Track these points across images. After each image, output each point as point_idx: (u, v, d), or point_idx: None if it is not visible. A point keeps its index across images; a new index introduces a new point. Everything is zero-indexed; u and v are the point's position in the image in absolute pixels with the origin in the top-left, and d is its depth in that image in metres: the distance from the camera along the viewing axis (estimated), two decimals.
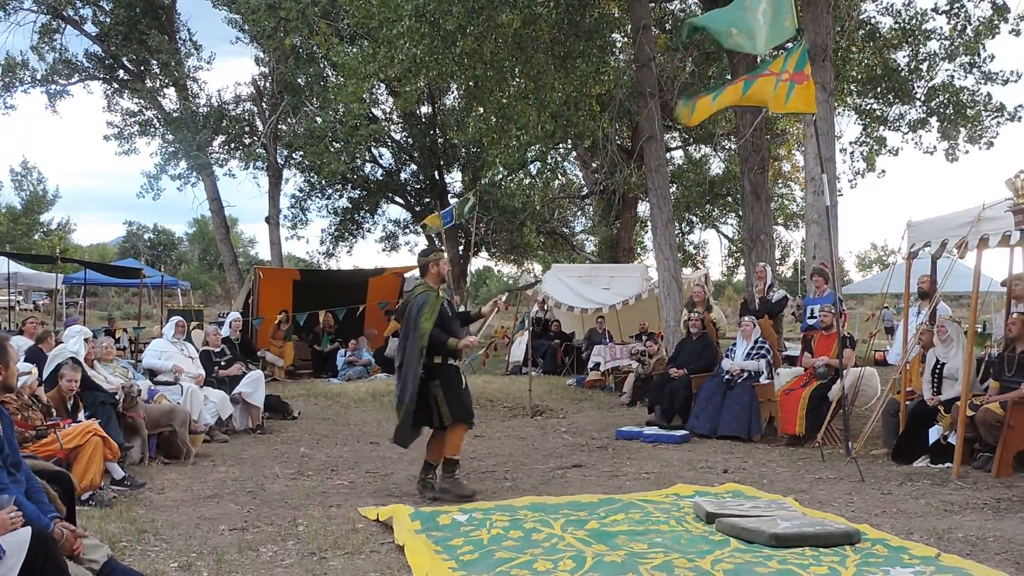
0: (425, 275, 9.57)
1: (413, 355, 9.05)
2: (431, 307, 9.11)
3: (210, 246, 69.42)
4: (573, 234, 44.04)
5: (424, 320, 9.03)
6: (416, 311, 9.13)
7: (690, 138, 34.81)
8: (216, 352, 14.49)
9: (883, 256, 72.01)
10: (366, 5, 20.16)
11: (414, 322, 9.10)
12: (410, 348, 9.10)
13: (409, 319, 9.20)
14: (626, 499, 8.55)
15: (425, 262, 9.59)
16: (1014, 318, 10.46)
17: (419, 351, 8.98)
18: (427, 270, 9.54)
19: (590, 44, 18.57)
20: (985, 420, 9.77)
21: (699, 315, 14.91)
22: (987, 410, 9.81)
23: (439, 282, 9.56)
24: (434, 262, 9.54)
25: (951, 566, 6.17)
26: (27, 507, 5.19)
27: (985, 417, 9.78)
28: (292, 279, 24.67)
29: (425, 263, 9.59)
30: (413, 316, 9.14)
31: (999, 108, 22.71)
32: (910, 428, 10.87)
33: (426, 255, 9.73)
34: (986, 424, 9.80)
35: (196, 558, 6.63)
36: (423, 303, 9.15)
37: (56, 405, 9.31)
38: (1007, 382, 10.02)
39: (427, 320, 9.03)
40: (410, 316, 9.19)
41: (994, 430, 9.74)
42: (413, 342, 9.07)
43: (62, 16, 32.13)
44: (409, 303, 9.42)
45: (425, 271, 9.58)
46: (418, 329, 9.03)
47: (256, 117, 34.25)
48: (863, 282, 42.80)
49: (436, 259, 9.60)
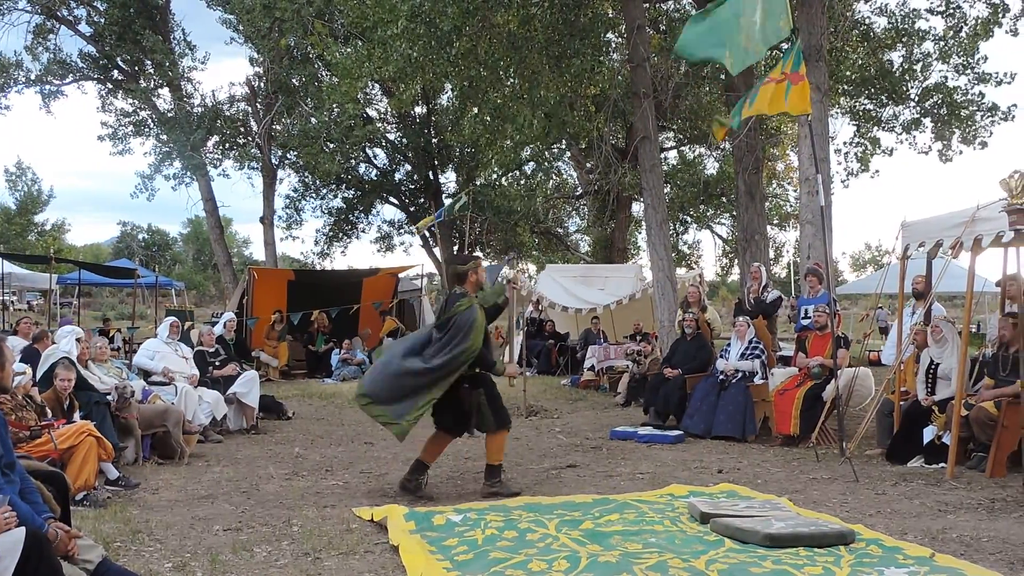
0: (463, 283, 9.42)
1: (449, 364, 9.02)
2: (481, 324, 9.11)
3: (204, 246, 69.41)
4: (567, 234, 44.05)
5: (475, 336, 9.01)
6: (467, 325, 9.04)
7: (684, 138, 34.82)
8: (210, 352, 14.50)
9: (877, 256, 72.15)
10: (360, 5, 20.16)
11: (462, 335, 9.02)
12: (448, 356, 9.04)
13: (455, 329, 9.09)
14: (621, 499, 8.55)
15: (464, 270, 9.45)
16: (1004, 321, 10.49)
17: (460, 364, 9.00)
18: (466, 278, 9.42)
19: (585, 44, 18.57)
20: (979, 419, 9.79)
21: (694, 315, 14.92)
22: (981, 408, 9.83)
23: (477, 290, 9.51)
24: (473, 270, 9.45)
25: (945, 566, 6.17)
26: (21, 507, 5.19)
27: (979, 415, 9.80)
28: (286, 279, 24.69)
29: (464, 271, 9.45)
30: (462, 328, 9.05)
31: (992, 108, 22.74)
32: (904, 428, 10.88)
33: (464, 263, 9.60)
34: (980, 423, 9.82)
35: (190, 558, 6.63)
36: (473, 319, 9.07)
37: (52, 405, 9.29)
38: (1001, 381, 10.06)
39: (477, 336, 9.03)
40: (457, 326, 9.09)
41: (988, 429, 9.76)
42: (455, 352, 9.01)
43: (56, 16, 32.10)
44: (454, 312, 9.21)
45: (464, 279, 9.42)
46: (465, 342, 8.98)
47: (250, 117, 34.22)
48: (857, 282, 42.88)
49: (475, 267, 9.51)
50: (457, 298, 9.26)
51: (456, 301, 9.23)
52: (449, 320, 9.15)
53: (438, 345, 9.13)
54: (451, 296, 9.44)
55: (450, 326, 9.09)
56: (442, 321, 9.28)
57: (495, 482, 9.26)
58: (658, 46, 24.95)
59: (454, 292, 9.42)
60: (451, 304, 9.29)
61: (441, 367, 8.98)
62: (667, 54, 24.14)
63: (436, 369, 8.99)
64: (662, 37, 26.05)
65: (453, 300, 9.30)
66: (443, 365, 8.97)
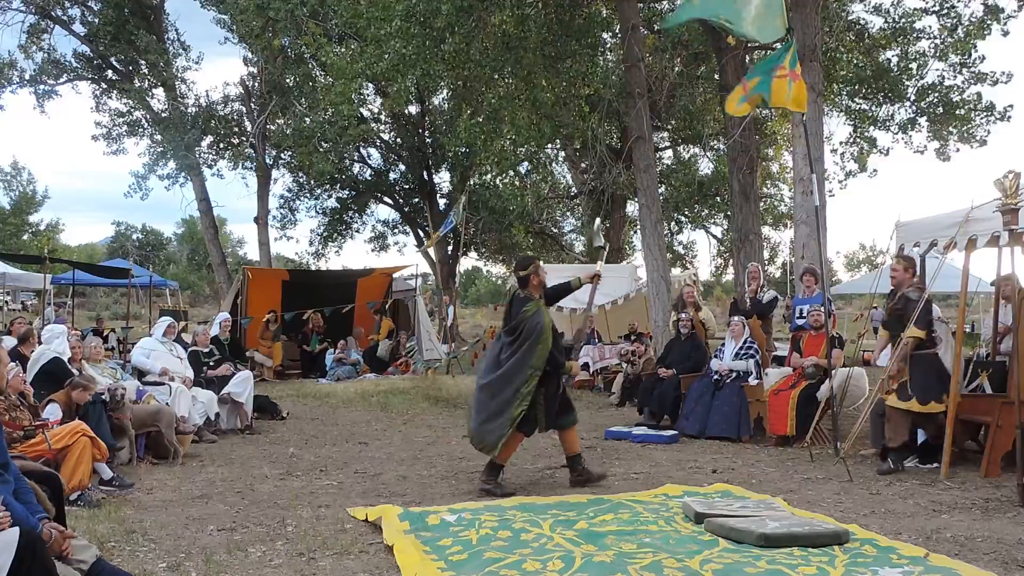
0: (527, 285, 9.58)
1: (522, 372, 9.21)
2: (548, 327, 9.31)
3: (199, 246, 69.26)
4: (562, 234, 44.04)
5: (544, 340, 9.20)
6: (536, 330, 9.23)
7: (679, 138, 34.84)
8: (205, 352, 14.48)
9: (872, 256, 72.21)
10: (355, 4, 20.16)
11: (532, 341, 9.22)
12: (518, 363, 9.25)
13: (525, 334, 9.29)
14: (615, 499, 8.55)
15: (526, 273, 9.60)
16: (894, 263, 10.62)
17: (535, 369, 9.17)
18: (528, 280, 9.58)
19: (579, 44, 18.59)
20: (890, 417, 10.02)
21: (688, 316, 14.93)
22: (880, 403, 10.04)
23: (540, 291, 9.64)
24: (535, 273, 9.59)
25: (939, 566, 6.17)
26: (15, 507, 5.18)
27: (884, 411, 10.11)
28: (281, 279, 24.71)
29: (527, 274, 9.60)
30: (532, 333, 9.24)
31: (989, 108, 22.75)
32: None
33: (525, 265, 9.73)
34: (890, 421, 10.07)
35: (185, 558, 6.62)
36: (540, 323, 9.27)
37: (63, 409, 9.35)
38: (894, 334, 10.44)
39: (547, 340, 9.22)
40: (527, 332, 9.28)
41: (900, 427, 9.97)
42: (529, 360, 9.21)
43: (50, 16, 32.04)
44: (522, 317, 9.39)
45: (527, 282, 9.59)
46: (536, 347, 9.18)
47: (245, 117, 34.20)
48: (852, 282, 42.88)
49: (536, 268, 9.65)
50: (523, 302, 9.46)
51: (522, 305, 9.43)
52: (518, 326, 9.34)
53: (510, 352, 9.36)
54: (515, 299, 9.61)
55: (520, 332, 9.30)
56: (511, 326, 9.47)
57: (579, 471, 9.71)
58: (652, 46, 24.97)
59: (517, 295, 9.61)
60: (517, 308, 9.48)
61: (517, 377, 9.22)
62: (661, 54, 24.16)
63: (514, 381, 9.23)
64: (656, 37, 26.05)
65: (518, 304, 9.50)
66: (519, 375, 9.21)
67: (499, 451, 9.36)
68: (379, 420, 15.50)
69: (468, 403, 10.14)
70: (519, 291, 9.62)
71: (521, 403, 9.14)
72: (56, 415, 9.20)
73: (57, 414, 9.23)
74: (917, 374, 9.99)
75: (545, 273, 9.85)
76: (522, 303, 9.44)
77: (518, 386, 9.16)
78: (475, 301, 78.36)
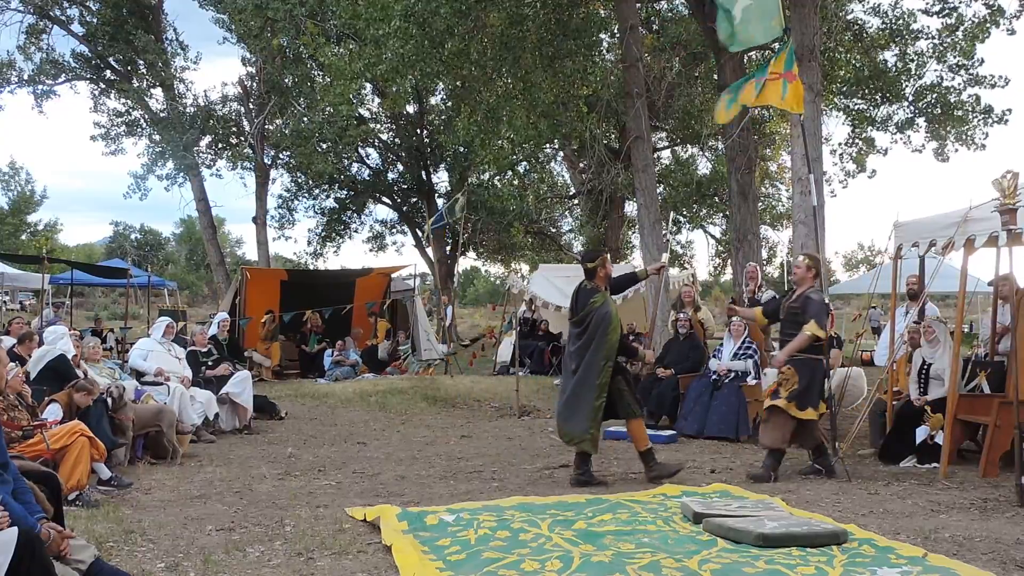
0: (593, 277, 9.76)
1: (595, 364, 9.44)
2: (616, 317, 9.53)
3: (197, 246, 69.24)
4: (561, 234, 44.03)
5: (613, 330, 9.44)
6: (605, 321, 9.46)
7: (677, 138, 34.83)
8: (203, 352, 14.48)
9: (870, 256, 72.20)
10: (353, 5, 20.16)
11: (601, 331, 9.45)
12: (591, 356, 9.48)
13: (594, 326, 9.50)
14: (613, 499, 8.55)
15: (594, 265, 9.77)
16: (797, 261, 10.61)
17: (607, 359, 9.42)
18: (595, 273, 9.75)
19: (577, 44, 18.59)
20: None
21: (687, 315, 14.93)
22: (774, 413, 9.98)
23: (606, 283, 9.82)
24: (602, 265, 9.76)
25: (938, 566, 6.17)
26: (14, 507, 5.18)
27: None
28: (279, 279, 24.69)
29: (594, 266, 9.77)
30: (601, 324, 9.46)
31: (987, 111, 22.73)
32: (897, 428, 10.90)
33: (593, 258, 9.92)
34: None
35: (183, 558, 6.62)
36: (608, 314, 9.50)
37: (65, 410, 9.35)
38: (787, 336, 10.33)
39: (616, 330, 9.47)
40: (595, 323, 9.50)
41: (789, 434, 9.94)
42: (600, 351, 9.44)
43: (49, 16, 32.04)
44: (590, 308, 9.60)
45: (594, 274, 9.76)
46: (606, 337, 9.41)
47: (243, 117, 34.19)
48: (850, 282, 42.88)
49: (604, 261, 9.83)
50: (590, 294, 9.67)
51: (589, 297, 9.63)
52: (586, 317, 9.56)
53: (580, 344, 9.61)
54: (581, 291, 9.81)
55: (587, 323, 9.53)
56: (579, 318, 9.67)
57: (654, 465, 9.73)
58: (651, 46, 24.96)
59: (584, 287, 9.79)
60: (583, 300, 9.69)
61: (591, 369, 9.46)
62: (660, 54, 24.16)
63: (588, 373, 9.48)
64: (655, 37, 26.05)
65: (585, 296, 9.71)
66: (592, 366, 9.45)
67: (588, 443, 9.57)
68: (377, 420, 15.50)
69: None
70: (585, 283, 9.81)
71: (600, 394, 9.41)
72: (56, 415, 9.20)
73: (58, 414, 9.23)
74: (801, 377, 9.92)
75: (612, 266, 10.12)
76: (589, 295, 9.65)
77: (594, 379, 9.41)
78: (473, 301, 78.42)
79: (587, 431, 9.45)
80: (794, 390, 9.76)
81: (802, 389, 9.78)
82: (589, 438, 9.48)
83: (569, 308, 10.07)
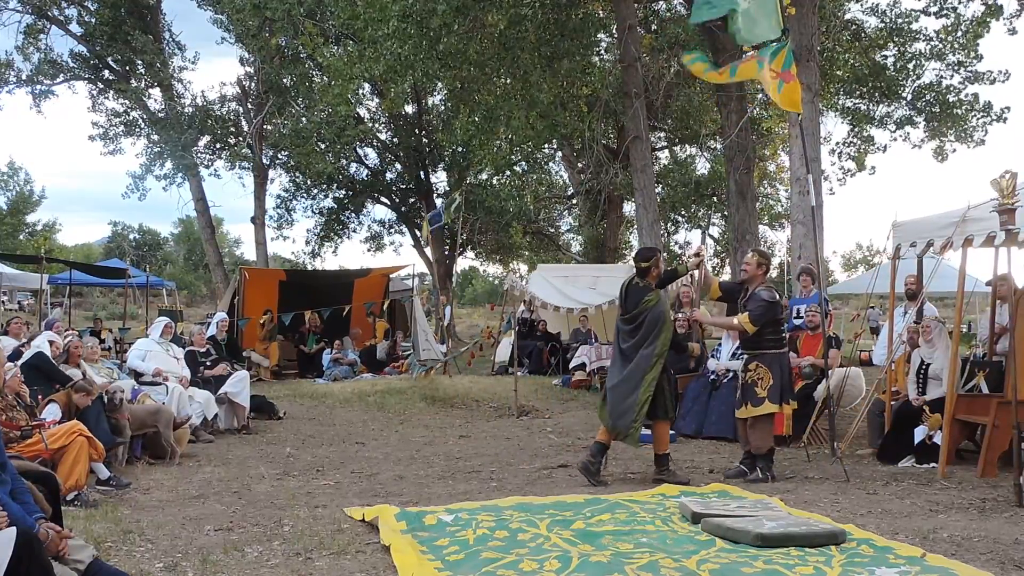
0: (646, 276, 9.81)
1: (648, 359, 9.57)
2: (670, 315, 9.80)
3: (195, 246, 69.29)
4: (559, 234, 44.05)
5: (667, 328, 9.62)
6: (660, 319, 9.62)
7: (676, 138, 34.87)
8: (201, 352, 14.47)
9: (868, 256, 72.27)
10: (351, 6, 20.16)
11: (657, 329, 9.59)
12: (647, 351, 9.60)
13: (649, 324, 9.62)
14: (612, 499, 8.55)
15: (648, 265, 9.83)
16: (748, 257, 10.59)
17: (659, 356, 9.55)
18: (649, 272, 9.81)
19: (576, 44, 18.60)
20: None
21: (685, 315, 14.93)
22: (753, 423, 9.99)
23: (656, 281, 9.90)
24: (655, 264, 9.85)
25: (936, 566, 6.17)
26: (12, 507, 5.18)
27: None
28: (278, 279, 24.71)
29: (648, 265, 9.83)
30: (656, 323, 9.60)
31: (986, 108, 22.75)
32: (895, 428, 10.90)
33: (648, 257, 9.97)
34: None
35: (181, 558, 6.61)
36: (663, 312, 9.69)
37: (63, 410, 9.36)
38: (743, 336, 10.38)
39: (669, 328, 9.65)
40: (651, 322, 9.62)
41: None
42: (653, 347, 9.57)
43: (47, 16, 32.05)
44: (644, 307, 9.69)
45: (647, 272, 9.81)
46: (661, 335, 9.57)
47: (241, 117, 34.21)
48: (848, 282, 42.92)
49: (657, 261, 9.92)
50: (642, 292, 9.74)
51: (643, 295, 9.71)
52: (639, 315, 9.67)
53: (634, 341, 9.71)
54: (632, 288, 9.87)
55: (641, 321, 9.64)
56: (631, 315, 9.76)
57: (663, 470, 9.81)
58: (649, 46, 24.96)
59: (635, 284, 9.85)
60: (635, 297, 9.77)
61: (643, 364, 9.56)
62: (658, 54, 24.16)
63: (639, 367, 9.58)
64: (653, 37, 26.05)
65: (637, 293, 9.77)
66: (645, 360, 9.56)
67: (632, 436, 9.66)
68: (376, 420, 15.50)
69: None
70: (637, 280, 9.86)
71: (647, 389, 9.48)
72: (55, 415, 9.20)
73: (57, 414, 9.23)
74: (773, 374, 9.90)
75: (664, 265, 10.15)
76: (642, 292, 9.72)
77: (646, 374, 9.50)
78: (471, 301, 78.39)
79: (632, 423, 9.54)
80: (772, 386, 9.75)
81: (780, 384, 9.79)
82: (633, 431, 9.57)
83: (619, 304, 10.13)
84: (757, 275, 10.11)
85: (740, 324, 9.83)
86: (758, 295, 9.90)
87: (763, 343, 9.90)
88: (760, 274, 10.12)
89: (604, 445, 9.80)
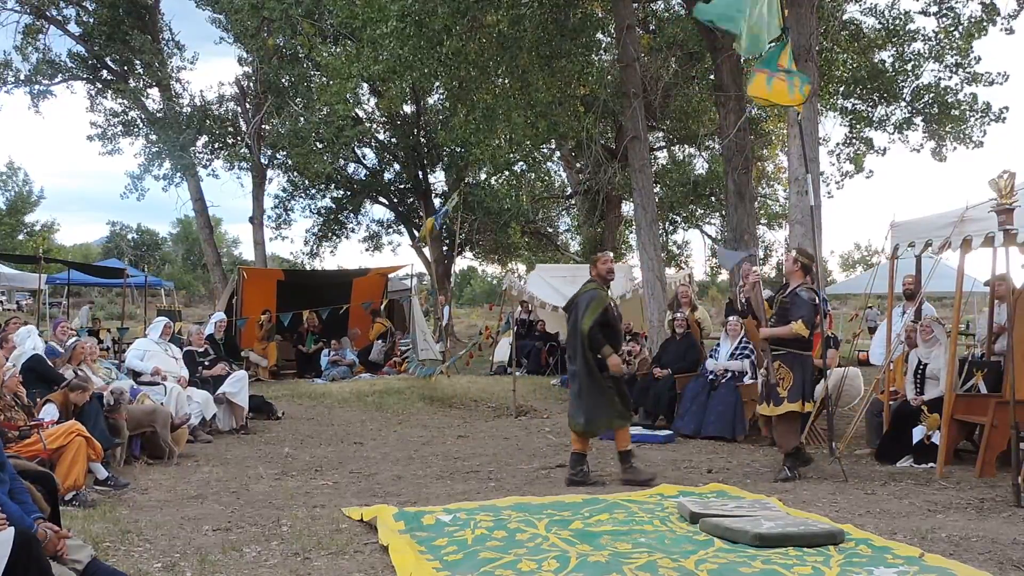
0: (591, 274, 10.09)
1: (577, 351, 9.70)
2: (601, 300, 9.72)
3: (194, 246, 69.22)
4: (557, 234, 44.00)
5: (591, 311, 9.59)
6: (591, 301, 9.69)
7: (674, 138, 34.82)
8: (200, 352, 14.48)
9: (867, 256, 72.24)
10: (350, 5, 20.14)
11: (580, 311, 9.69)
12: (574, 342, 9.79)
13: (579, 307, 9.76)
14: (610, 499, 8.55)
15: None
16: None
17: (582, 346, 9.60)
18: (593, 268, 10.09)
19: (574, 44, 18.59)
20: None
21: (684, 315, 14.93)
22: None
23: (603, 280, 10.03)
24: (594, 264, 10.09)
25: (935, 566, 6.18)
26: (10, 507, 5.19)
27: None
28: (276, 279, 24.69)
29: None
30: (587, 304, 9.67)
31: (984, 109, 22.74)
32: (894, 428, 10.91)
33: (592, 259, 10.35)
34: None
35: (180, 558, 6.62)
36: (595, 296, 9.73)
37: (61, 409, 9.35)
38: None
39: (593, 311, 9.59)
40: (580, 305, 9.74)
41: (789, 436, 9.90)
42: (575, 337, 9.74)
43: (45, 16, 31.98)
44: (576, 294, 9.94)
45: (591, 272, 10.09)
46: (583, 320, 9.59)
47: (240, 117, 34.16)
48: (847, 282, 42.91)
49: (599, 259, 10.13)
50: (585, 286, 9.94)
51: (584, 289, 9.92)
52: (574, 301, 9.92)
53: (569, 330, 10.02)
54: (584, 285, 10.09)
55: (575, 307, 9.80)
56: (567, 304, 10.07)
57: (629, 468, 9.85)
58: (648, 46, 24.95)
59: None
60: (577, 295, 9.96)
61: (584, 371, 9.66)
62: (657, 54, 24.15)
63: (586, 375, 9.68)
64: (651, 37, 26.04)
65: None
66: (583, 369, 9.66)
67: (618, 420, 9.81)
68: (374, 420, 15.51)
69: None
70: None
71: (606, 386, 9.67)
72: (53, 415, 9.19)
73: (54, 414, 9.22)
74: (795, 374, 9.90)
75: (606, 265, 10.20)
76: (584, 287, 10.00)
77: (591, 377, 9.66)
78: (470, 301, 78.33)
79: (609, 418, 9.70)
80: (792, 387, 9.74)
81: (801, 384, 9.77)
82: (616, 416, 9.73)
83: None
84: (796, 273, 10.12)
85: (796, 331, 9.74)
86: (800, 296, 9.91)
87: (789, 342, 9.89)
88: (800, 273, 10.12)
89: (581, 455, 9.80)
